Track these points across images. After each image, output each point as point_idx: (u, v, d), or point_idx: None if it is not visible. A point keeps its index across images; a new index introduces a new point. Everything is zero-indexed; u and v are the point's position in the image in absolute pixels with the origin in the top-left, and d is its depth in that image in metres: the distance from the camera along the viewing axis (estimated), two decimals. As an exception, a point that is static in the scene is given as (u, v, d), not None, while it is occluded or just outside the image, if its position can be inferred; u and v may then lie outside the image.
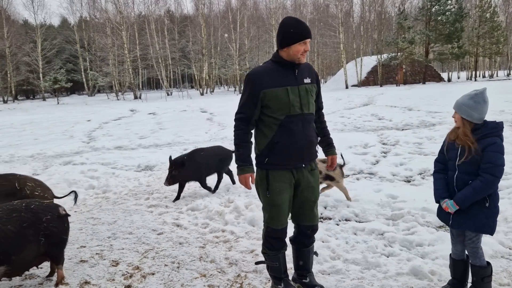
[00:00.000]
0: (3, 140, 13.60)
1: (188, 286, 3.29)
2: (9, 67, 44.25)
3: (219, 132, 12.77)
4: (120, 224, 4.88)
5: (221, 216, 4.86)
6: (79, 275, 3.56)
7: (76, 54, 49.95)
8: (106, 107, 28.08)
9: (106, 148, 10.83)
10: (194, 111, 21.22)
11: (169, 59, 46.58)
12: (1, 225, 3.02)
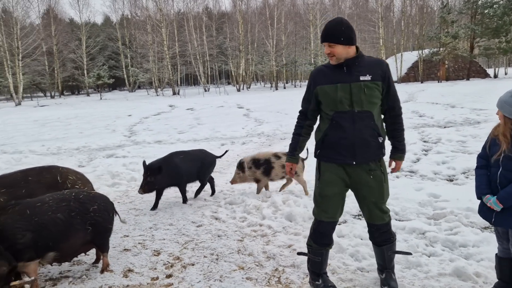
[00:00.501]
0: (51, 133, 14.29)
1: (227, 278, 3.35)
2: (56, 64, 46.33)
3: (256, 128, 12.84)
4: (161, 215, 5.04)
5: (259, 210, 4.91)
6: (123, 263, 3.71)
7: (118, 51, 51.55)
8: (146, 102, 28.84)
9: (146, 142, 11.15)
10: (231, 107, 21.42)
11: (206, 56, 47.18)
12: (51, 213, 3.19)
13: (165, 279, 3.38)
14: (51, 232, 3.13)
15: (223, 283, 3.27)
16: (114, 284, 3.32)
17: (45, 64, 45.71)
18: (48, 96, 49.95)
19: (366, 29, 46.78)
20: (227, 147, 9.83)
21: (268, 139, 10.82)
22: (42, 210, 3.16)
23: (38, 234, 3.07)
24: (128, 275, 3.48)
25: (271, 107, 19.43)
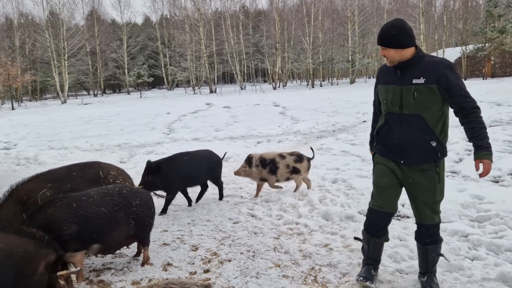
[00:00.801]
0: (94, 130, 14.88)
1: (263, 275, 3.38)
2: (99, 63, 48.09)
3: (292, 126, 12.80)
4: (198, 211, 5.13)
5: (295, 208, 4.90)
6: (162, 257, 3.82)
7: (157, 50, 52.81)
8: (184, 100, 29.41)
9: (184, 140, 11.38)
10: (267, 105, 21.46)
11: (243, 54, 47.45)
12: (96, 207, 3.33)
13: (202, 274, 3.45)
14: (96, 225, 3.27)
15: (259, 280, 3.30)
16: (154, 277, 3.43)
17: (89, 63, 47.58)
18: (92, 95, 51.94)
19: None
20: (263, 145, 9.87)
21: (304, 137, 10.77)
22: (87, 204, 3.30)
23: (83, 227, 3.22)
24: (167, 269, 3.58)
25: (307, 105, 19.31)
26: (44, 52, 43.24)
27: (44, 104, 38.74)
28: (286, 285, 3.21)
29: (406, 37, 2.75)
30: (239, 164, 7.83)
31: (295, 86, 46.95)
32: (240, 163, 7.91)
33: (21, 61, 41.29)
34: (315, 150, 8.48)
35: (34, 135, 14.52)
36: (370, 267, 3.14)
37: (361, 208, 4.88)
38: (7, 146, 12.37)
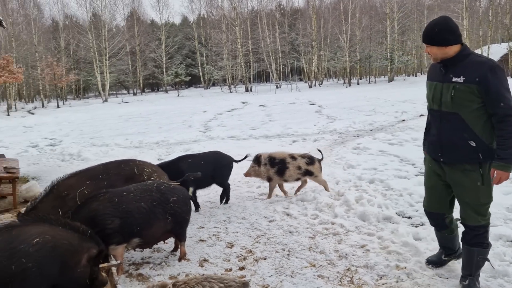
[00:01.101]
0: (133, 128, 15.32)
1: (298, 274, 3.37)
2: (138, 63, 49.43)
3: (328, 125, 12.66)
4: (234, 209, 5.18)
5: (331, 208, 4.85)
6: (199, 253, 3.88)
7: (194, 49, 53.59)
8: (220, 99, 29.73)
9: (220, 138, 11.51)
10: (302, 103, 21.34)
11: (279, 53, 47.35)
12: (136, 202, 3.44)
13: (238, 271, 3.48)
14: (136, 219, 3.38)
15: (294, 279, 3.29)
16: (190, 272, 3.49)
17: (129, 63, 49.00)
18: (131, 93, 53.47)
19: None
20: (299, 144, 9.82)
21: (340, 137, 10.62)
22: (128, 199, 3.41)
23: (125, 221, 3.33)
24: (204, 265, 3.64)
25: (344, 104, 19.03)
26: (87, 52, 44.95)
27: (86, 103, 40.30)
28: (321, 285, 3.19)
29: (449, 34, 2.73)
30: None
31: (332, 85, 46.38)
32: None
33: (65, 61, 43.13)
34: (352, 149, 8.39)
35: (77, 132, 15.14)
36: (442, 252, 3.30)
37: (399, 210, 4.77)
38: (52, 142, 12.95)
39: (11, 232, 2.51)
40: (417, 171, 6.35)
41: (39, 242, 2.50)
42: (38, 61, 39.55)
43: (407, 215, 4.63)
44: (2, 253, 2.37)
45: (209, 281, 2.09)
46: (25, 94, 46.03)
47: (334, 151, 8.54)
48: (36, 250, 2.46)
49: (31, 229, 2.58)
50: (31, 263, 2.42)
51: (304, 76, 51.37)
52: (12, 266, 2.36)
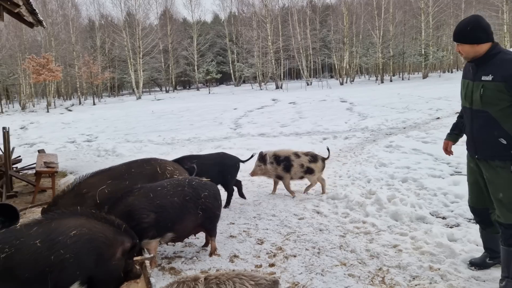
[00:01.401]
0: (166, 124, 15.62)
1: (328, 272, 3.35)
2: (171, 60, 50.26)
3: (359, 123, 12.48)
4: (264, 206, 5.20)
5: (362, 207, 4.79)
6: (229, 249, 3.93)
7: (225, 47, 53.95)
8: (251, 96, 29.82)
9: (251, 135, 11.57)
10: (333, 100, 21.11)
11: (310, 49, 46.95)
12: (169, 197, 3.52)
13: (268, 268, 3.50)
14: (170, 214, 3.46)
15: (324, 277, 3.28)
16: (221, 268, 3.54)
17: (161, 61, 49.90)
18: (164, 91, 54.47)
19: (487, 14, 42.10)
20: (329, 141, 9.74)
21: (372, 134, 10.45)
22: (162, 194, 3.50)
23: (159, 215, 3.41)
24: (234, 260, 3.68)
25: (376, 101, 18.68)
26: (122, 50, 46.12)
27: (121, 100, 41.37)
28: (352, 284, 3.16)
29: (481, 32, 2.78)
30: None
31: (363, 82, 45.59)
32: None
33: (101, 60, 44.39)
34: (384, 147, 8.23)
35: (112, 129, 15.59)
36: (486, 255, 3.23)
37: (433, 210, 4.65)
38: (89, 138, 13.41)
39: (50, 224, 2.63)
40: (452, 170, 6.17)
41: (76, 234, 2.60)
42: (76, 59, 40.96)
43: (441, 215, 4.51)
44: (42, 244, 2.48)
45: (239, 278, 2.10)
46: (63, 92, 47.81)
47: (365, 149, 8.42)
48: (73, 242, 2.56)
49: (69, 222, 2.69)
50: (69, 254, 2.52)
51: (335, 73, 50.71)
52: (51, 257, 2.47)
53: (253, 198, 5.59)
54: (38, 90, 43.99)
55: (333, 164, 7.27)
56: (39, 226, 2.59)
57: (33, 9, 5.80)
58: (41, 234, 2.53)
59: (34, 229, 2.55)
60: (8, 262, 2.35)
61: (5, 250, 2.38)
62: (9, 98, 47.94)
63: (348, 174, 6.37)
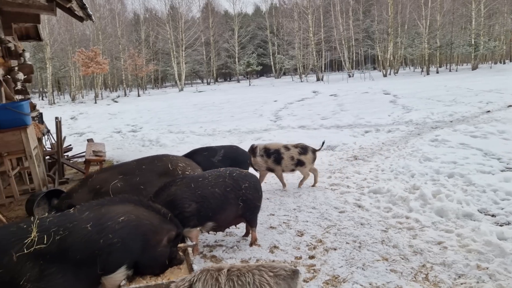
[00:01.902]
0: (207, 116, 15.86)
1: (369, 267, 3.31)
2: (212, 53, 50.88)
3: (403, 116, 12.11)
4: (304, 198, 5.19)
5: (405, 202, 4.68)
6: (269, 239, 3.96)
7: (266, 39, 53.86)
8: (291, 88, 29.64)
9: (291, 127, 11.52)
10: (376, 93, 20.59)
11: (352, 40, 45.95)
12: (211, 187, 3.59)
13: (308, 260, 3.51)
14: (211, 204, 3.53)
15: (365, 271, 3.25)
16: (261, 258, 3.59)
17: (203, 53, 50.59)
18: (205, 83, 55.26)
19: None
20: (371, 134, 9.53)
21: (416, 128, 10.11)
22: (203, 184, 3.58)
23: (201, 205, 3.50)
24: (274, 251, 3.71)
25: (421, 94, 18.03)
26: (165, 43, 47.17)
27: (164, 92, 42.37)
28: (394, 279, 3.11)
29: None
30: (345, 153, 7.74)
31: (408, 73, 44.09)
32: (346, 152, 7.80)
33: (145, 53, 45.60)
34: (429, 141, 7.96)
35: (156, 120, 16.02)
36: None
37: (482, 207, 4.46)
38: (134, 129, 13.85)
39: (101, 210, 2.76)
40: (503, 166, 5.88)
41: (124, 220, 2.71)
42: (122, 52, 42.31)
43: (490, 212, 4.33)
44: (92, 228, 2.61)
45: (259, 270, 2.16)
46: (110, 84, 49.57)
47: (409, 142, 8.17)
48: (121, 228, 2.67)
49: (118, 208, 2.80)
50: (116, 239, 2.64)
51: (378, 64, 49.38)
52: (101, 241, 2.59)
53: (293, 190, 5.59)
54: (86, 82, 45.94)
55: (375, 158, 7.12)
56: (90, 211, 2.72)
57: (83, 3, 6.03)
58: (92, 219, 2.66)
59: (86, 213, 2.69)
60: (62, 244, 2.49)
61: (59, 232, 2.52)
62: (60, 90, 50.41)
63: (391, 168, 6.22)
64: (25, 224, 2.54)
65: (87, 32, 45.61)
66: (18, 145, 4.65)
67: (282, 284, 2.10)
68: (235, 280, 2.10)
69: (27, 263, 2.39)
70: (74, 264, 2.52)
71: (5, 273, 2.34)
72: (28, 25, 7.78)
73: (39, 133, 6.07)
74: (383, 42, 44.75)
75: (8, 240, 2.43)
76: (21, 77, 6.99)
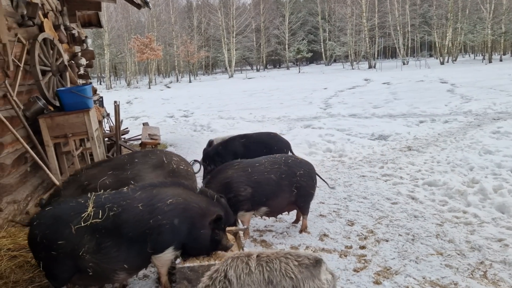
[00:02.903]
0: (257, 102, 15.94)
1: (423, 261, 3.23)
2: (262, 39, 50.79)
3: (462, 106, 11.52)
4: (355, 188, 5.12)
5: (463, 196, 4.49)
6: (319, 227, 3.96)
7: (317, 25, 52.94)
8: (341, 76, 29.05)
9: (341, 115, 11.33)
10: (432, 81, 19.71)
11: (408, 26, 44.08)
12: (267, 173, 3.62)
13: (358, 250, 3.47)
14: (265, 189, 3.57)
15: (419, 265, 3.17)
16: (311, 245, 3.60)
17: (253, 40, 50.66)
18: (254, 69, 55.40)
19: None
20: (426, 125, 9.16)
21: (476, 119, 9.58)
22: (260, 170, 3.61)
23: (256, 190, 3.54)
24: (324, 239, 3.71)
25: (482, 83, 17.02)
26: (216, 30, 47.73)
27: (214, 78, 43.02)
28: (449, 274, 3.01)
29: None
30: (399, 143, 7.52)
31: (467, 61, 41.73)
32: (400, 143, 7.58)
33: (197, 39, 46.39)
34: (490, 133, 7.54)
35: (206, 105, 16.34)
36: None
37: (549, 204, 4.18)
38: (186, 114, 14.22)
39: (152, 191, 2.85)
40: None
41: (173, 203, 2.79)
42: (175, 39, 43.32)
43: (558, 211, 4.05)
44: (144, 208, 2.72)
45: (286, 257, 2.21)
46: (163, 70, 51.03)
47: (468, 134, 7.77)
48: (170, 210, 2.76)
49: (168, 191, 2.89)
50: (165, 220, 2.73)
51: (435, 51, 47.05)
52: (151, 221, 2.70)
53: (344, 179, 5.52)
54: (141, 68, 47.59)
55: (430, 149, 6.86)
56: (142, 191, 2.83)
57: (142, -9, 6.24)
58: (144, 199, 2.76)
59: (138, 193, 2.80)
60: (117, 220, 2.63)
61: (113, 208, 2.66)
62: (117, 75, 52.59)
63: (448, 160, 5.97)
64: (83, 200, 2.70)
65: (142, 19, 47.06)
66: (81, 127, 4.92)
67: (305, 272, 2.15)
68: (264, 265, 2.18)
69: (85, 235, 2.55)
70: (127, 240, 2.64)
71: (67, 244, 2.52)
72: (90, 12, 8.17)
73: (100, 116, 6.39)
74: (441, 28, 42.48)
75: (68, 213, 2.60)
76: (84, 63, 7.37)
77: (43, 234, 2.54)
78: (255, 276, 2.15)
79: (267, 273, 2.15)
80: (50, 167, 4.77)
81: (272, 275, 2.15)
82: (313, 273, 2.16)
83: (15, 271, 3.08)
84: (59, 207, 2.68)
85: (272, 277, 2.14)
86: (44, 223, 2.58)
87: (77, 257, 2.54)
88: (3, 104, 4.32)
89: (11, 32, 4.64)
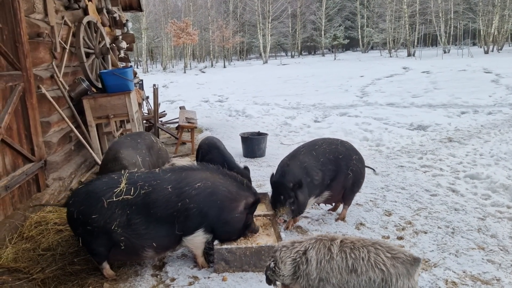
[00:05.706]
0: (292, 89, 15.83)
1: (463, 254, 3.14)
2: (298, 25, 50.10)
3: (507, 97, 11.03)
4: (393, 178, 5.02)
5: (507, 190, 4.31)
6: (355, 216, 3.92)
7: (355, 11, 51.58)
8: (379, 63, 28.31)
9: (378, 104, 11.09)
10: (475, 71, 18.88)
11: (451, 13, 42.19)
12: (327, 154, 3.57)
13: (396, 240, 3.42)
14: (329, 170, 3.51)
15: (459, 258, 3.09)
16: (347, 233, 3.57)
17: (289, 26, 50.02)
18: (289, 56, 54.86)
19: None
20: (469, 116, 8.83)
21: (524, 111, 9.14)
22: (321, 151, 3.55)
23: (324, 173, 3.49)
24: (360, 228, 3.67)
25: (530, 73, 16.18)
26: (252, 15, 47.38)
27: (249, 64, 42.95)
28: (491, 270, 2.92)
29: None
30: (439, 134, 7.30)
31: (515, 50, 39.64)
32: (440, 133, 7.35)
33: (233, 24, 46.31)
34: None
35: (241, 91, 16.37)
36: None
37: None
38: (220, 99, 14.32)
39: (181, 174, 2.89)
40: None
41: (200, 187, 2.82)
42: (210, 24, 43.44)
43: None
44: (172, 190, 2.76)
45: (375, 247, 2.07)
46: (198, 55, 51.40)
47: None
48: (197, 194, 2.79)
49: (196, 174, 2.91)
50: (192, 204, 2.76)
51: (479, 40, 44.86)
52: (179, 204, 2.74)
53: (381, 168, 5.41)
54: (176, 52, 48.11)
55: (472, 141, 6.62)
56: (172, 173, 2.88)
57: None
58: (173, 181, 2.80)
59: (168, 175, 2.85)
60: (147, 198, 2.70)
61: (144, 187, 2.73)
62: (153, 59, 53.46)
63: (491, 153, 5.74)
64: (117, 176, 2.79)
65: (179, 4, 47.45)
66: (122, 109, 5.06)
67: (399, 267, 2.01)
68: (348, 252, 2.07)
69: (117, 210, 2.64)
70: (155, 220, 2.71)
71: (100, 218, 2.62)
72: (131, -4, 8.30)
73: (140, 99, 6.53)
74: (487, 15, 40.40)
75: (101, 188, 2.69)
76: (124, 46, 7.53)
77: (79, 210, 2.67)
78: (336, 263, 2.05)
79: (352, 260, 2.04)
80: (93, 147, 4.95)
81: (357, 263, 2.02)
82: (410, 272, 2.01)
83: (61, 244, 3.23)
84: (92, 183, 2.79)
85: (356, 265, 2.02)
86: (79, 199, 2.70)
87: (110, 231, 2.64)
88: (50, 85, 4.49)
89: (58, 15, 4.80)
